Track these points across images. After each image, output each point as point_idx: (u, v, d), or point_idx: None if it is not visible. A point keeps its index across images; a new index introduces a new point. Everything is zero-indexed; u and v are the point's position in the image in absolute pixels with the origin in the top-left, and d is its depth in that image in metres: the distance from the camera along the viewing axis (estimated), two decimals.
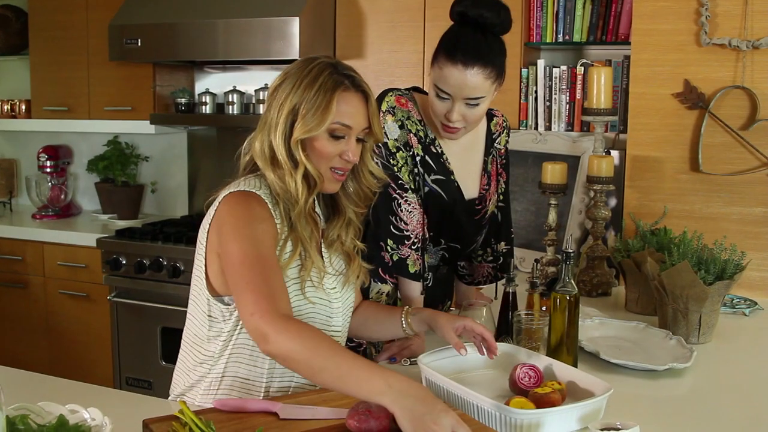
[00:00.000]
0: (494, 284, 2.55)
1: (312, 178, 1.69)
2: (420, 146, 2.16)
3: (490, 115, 2.35)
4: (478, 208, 2.30)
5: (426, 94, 2.21)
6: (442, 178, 2.19)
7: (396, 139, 2.13)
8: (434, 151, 2.19)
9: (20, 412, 1.44)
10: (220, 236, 1.65)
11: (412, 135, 2.15)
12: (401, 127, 2.14)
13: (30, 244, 4.23)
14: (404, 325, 1.93)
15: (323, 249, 1.80)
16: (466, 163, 2.27)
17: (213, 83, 4.44)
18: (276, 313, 1.52)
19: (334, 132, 1.68)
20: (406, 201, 2.13)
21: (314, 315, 1.74)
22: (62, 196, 4.69)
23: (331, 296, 1.77)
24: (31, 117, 4.60)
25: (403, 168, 2.14)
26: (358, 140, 1.73)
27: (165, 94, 4.30)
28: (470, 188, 2.28)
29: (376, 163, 1.89)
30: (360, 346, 2.22)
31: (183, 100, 4.26)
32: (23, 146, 5.01)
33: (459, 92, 2.03)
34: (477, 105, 2.06)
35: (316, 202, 1.80)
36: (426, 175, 2.17)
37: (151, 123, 4.20)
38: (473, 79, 2.01)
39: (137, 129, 4.30)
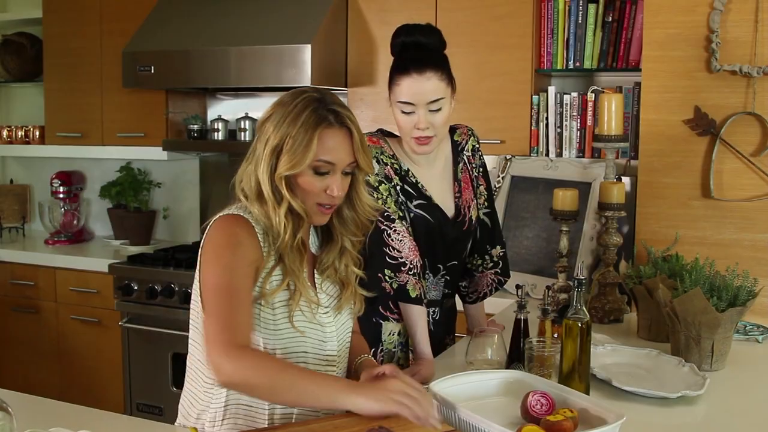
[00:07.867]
0: (505, 306, 2.54)
1: (297, 213, 1.71)
2: (397, 177, 2.27)
3: (452, 129, 2.42)
4: (459, 220, 2.36)
5: (391, 134, 2.35)
6: (423, 202, 2.29)
7: (377, 174, 2.23)
8: (410, 180, 2.29)
9: None
10: (201, 260, 1.71)
11: (388, 167, 2.26)
12: (378, 162, 2.24)
13: (42, 269, 4.25)
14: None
15: (315, 274, 1.81)
16: (442, 188, 2.35)
17: (225, 110, 4.46)
18: (231, 345, 1.58)
19: (318, 169, 1.69)
20: (394, 231, 2.21)
21: (304, 340, 1.74)
22: (75, 222, 4.71)
23: (322, 320, 1.77)
24: (45, 143, 4.65)
25: (388, 199, 2.23)
26: (346, 174, 1.74)
27: (177, 120, 4.33)
28: (451, 208, 2.36)
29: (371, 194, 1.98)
30: None
31: (195, 127, 4.28)
32: (36, 172, 5.05)
33: (420, 98, 2.16)
34: (439, 110, 2.18)
35: (313, 230, 1.83)
36: (408, 202, 2.27)
37: (163, 149, 4.22)
38: (429, 82, 2.16)
39: (150, 155, 4.34)
